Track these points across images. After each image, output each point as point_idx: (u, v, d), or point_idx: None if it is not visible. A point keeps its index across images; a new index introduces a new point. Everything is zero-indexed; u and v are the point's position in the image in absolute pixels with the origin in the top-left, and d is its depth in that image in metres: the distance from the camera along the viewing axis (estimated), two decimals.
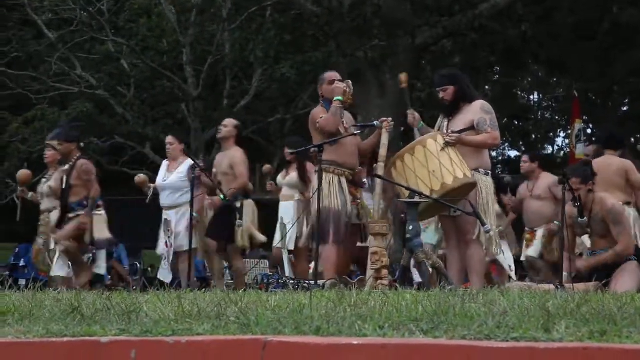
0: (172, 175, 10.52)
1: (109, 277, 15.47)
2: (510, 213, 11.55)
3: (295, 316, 3.91)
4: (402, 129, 17.05)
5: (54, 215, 10.22)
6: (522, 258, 11.43)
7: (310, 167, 10.21)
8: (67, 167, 10.11)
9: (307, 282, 7.37)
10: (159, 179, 10.62)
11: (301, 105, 23.25)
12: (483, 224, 7.57)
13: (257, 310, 4.09)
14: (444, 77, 8.14)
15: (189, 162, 10.37)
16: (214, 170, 10.25)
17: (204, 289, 7.01)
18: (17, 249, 17.59)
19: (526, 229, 11.41)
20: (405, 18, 19.19)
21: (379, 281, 7.35)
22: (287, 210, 10.85)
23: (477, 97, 8.23)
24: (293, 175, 10.93)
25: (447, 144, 7.66)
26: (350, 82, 8.60)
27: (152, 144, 23.67)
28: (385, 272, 7.49)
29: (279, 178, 11.26)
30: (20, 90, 23.77)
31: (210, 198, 10.26)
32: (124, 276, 15.43)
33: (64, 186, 10.01)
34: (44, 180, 10.68)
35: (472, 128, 7.84)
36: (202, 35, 23.87)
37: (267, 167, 12.36)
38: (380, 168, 8.05)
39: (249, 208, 10.11)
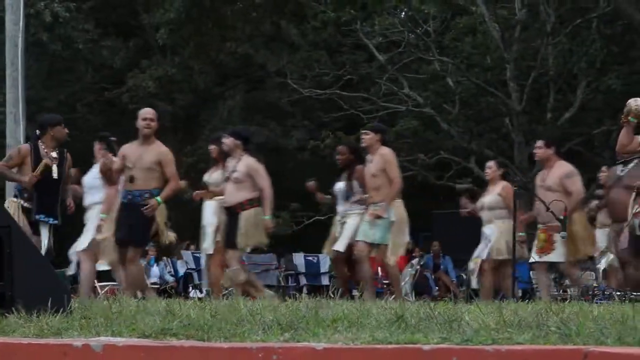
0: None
1: (437, 287, 15.77)
2: None
3: (618, 327, 3.83)
4: None
5: None
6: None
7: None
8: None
9: (634, 293, 7.16)
10: None
11: None
12: None
13: (578, 321, 4.05)
14: None
15: None
16: None
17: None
18: None
19: (538, 226, 10.35)
20: None
21: None
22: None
23: None
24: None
25: None
26: (633, 100, 8.33)
27: (477, 158, 23.79)
28: None
29: None
30: (352, 111, 24.72)
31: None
32: (451, 287, 15.62)
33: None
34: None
35: None
36: (525, 50, 23.73)
37: (311, 184, 11.27)
38: None
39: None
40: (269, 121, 27.46)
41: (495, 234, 10.70)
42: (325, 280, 17.83)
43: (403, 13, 25.76)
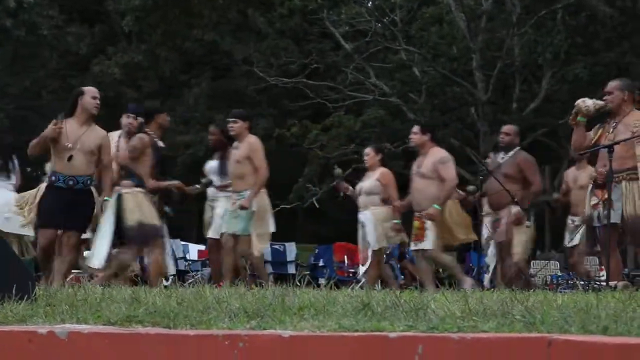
0: None
1: (402, 276, 15.84)
2: None
3: (582, 315, 3.87)
4: None
5: None
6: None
7: None
8: None
9: (597, 283, 7.24)
10: None
11: None
12: None
13: (543, 309, 4.08)
14: None
15: None
16: None
17: None
18: (317, 250, 18.34)
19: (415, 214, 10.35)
20: None
21: None
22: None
23: None
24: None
25: None
26: (581, 100, 8.48)
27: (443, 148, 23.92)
28: None
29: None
30: (319, 100, 24.76)
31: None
32: (417, 276, 15.68)
33: None
34: None
35: None
36: (491, 40, 23.88)
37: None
38: None
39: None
40: (235, 109, 27.42)
41: (371, 222, 10.76)
42: (291, 269, 17.85)
43: (370, 2, 25.82)
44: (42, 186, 8.91)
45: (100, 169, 8.88)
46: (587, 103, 8.40)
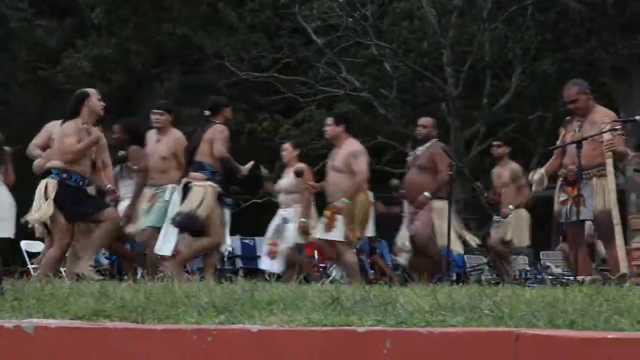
0: None
1: (372, 271, 15.92)
2: None
3: (550, 310, 3.90)
4: None
5: None
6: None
7: None
8: None
9: (565, 278, 7.29)
10: None
11: (561, 102, 22.99)
12: None
13: (511, 304, 4.11)
14: None
15: None
16: None
17: None
18: None
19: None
20: None
21: None
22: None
23: None
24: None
25: None
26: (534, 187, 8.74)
27: (413, 143, 23.95)
28: None
29: None
30: (290, 94, 24.74)
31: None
32: (386, 271, 15.72)
33: None
34: None
35: None
36: (462, 36, 23.95)
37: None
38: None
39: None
40: (206, 103, 27.36)
41: (294, 220, 10.75)
42: (261, 264, 17.84)
43: None
44: (51, 181, 8.78)
45: (98, 168, 8.95)
46: (537, 186, 8.61)
